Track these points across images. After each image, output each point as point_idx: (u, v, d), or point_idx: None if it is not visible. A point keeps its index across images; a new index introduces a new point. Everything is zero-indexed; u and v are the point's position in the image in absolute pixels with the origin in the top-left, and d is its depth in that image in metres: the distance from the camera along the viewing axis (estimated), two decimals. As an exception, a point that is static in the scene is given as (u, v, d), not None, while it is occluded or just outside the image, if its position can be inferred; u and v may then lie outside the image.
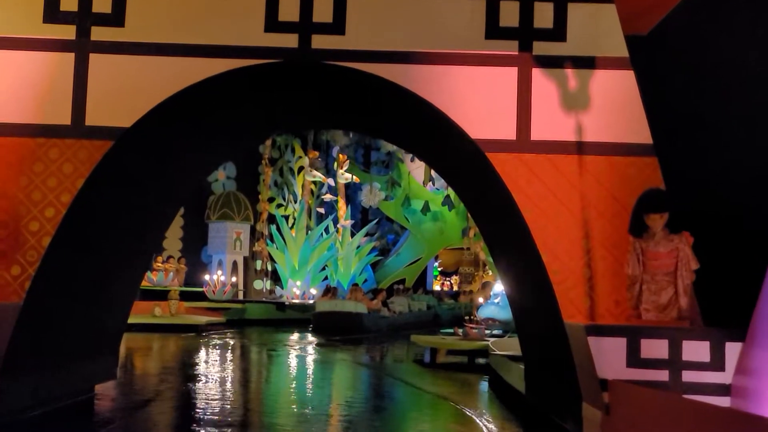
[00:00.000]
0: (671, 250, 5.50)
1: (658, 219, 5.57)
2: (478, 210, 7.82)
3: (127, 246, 7.09)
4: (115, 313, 7.57)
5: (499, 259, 7.96)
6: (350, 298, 20.78)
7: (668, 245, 5.51)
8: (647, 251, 5.56)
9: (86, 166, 5.99)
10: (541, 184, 6.07)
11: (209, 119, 6.87)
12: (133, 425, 6.95)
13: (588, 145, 6.07)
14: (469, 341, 13.20)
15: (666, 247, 5.51)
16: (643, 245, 5.58)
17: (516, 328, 8.32)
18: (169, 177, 7.22)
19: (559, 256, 6.02)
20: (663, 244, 5.52)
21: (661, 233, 5.55)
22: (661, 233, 5.55)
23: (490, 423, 7.47)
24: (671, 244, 5.51)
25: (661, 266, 5.52)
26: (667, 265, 5.51)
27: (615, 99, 6.10)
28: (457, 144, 6.43)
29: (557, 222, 6.04)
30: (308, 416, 7.61)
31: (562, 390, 6.41)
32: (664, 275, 5.52)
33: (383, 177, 29.39)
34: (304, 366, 12.64)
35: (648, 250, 5.56)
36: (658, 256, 5.52)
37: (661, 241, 5.53)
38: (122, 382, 9.29)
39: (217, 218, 24.97)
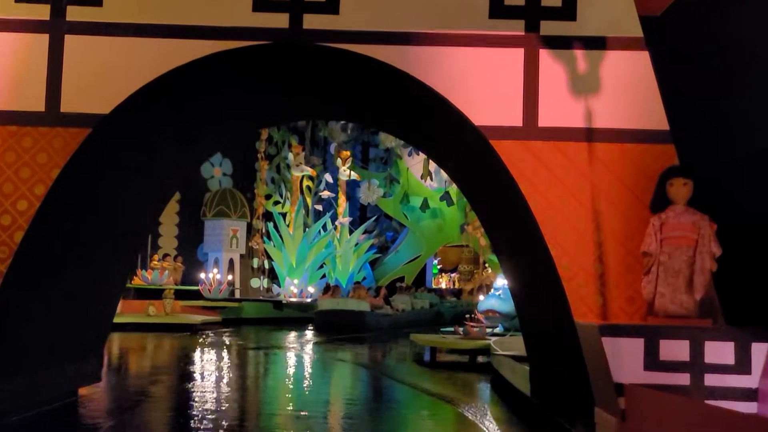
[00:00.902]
0: (693, 224, 5.12)
1: (681, 186, 5.19)
2: (481, 202, 7.41)
3: (108, 242, 6.67)
4: (99, 313, 7.17)
5: (503, 253, 7.56)
6: (353, 296, 20.66)
7: (690, 218, 5.14)
8: (667, 224, 5.17)
9: (62, 155, 5.58)
10: (549, 174, 5.67)
11: (194, 106, 6.44)
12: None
13: (599, 132, 5.67)
14: (470, 340, 12.90)
15: (688, 220, 5.13)
16: (663, 218, 5.20)
17: (521, 327, 7.93)
18: (153, 168, 6.79)
19: (568, 251, 5.62)
20: (685, 216, 5.15)
21: (684, 207, 5.19)
22: (683, 206, 5.19)
23: (493, 425, 7.11)
24: (693, 218, 5.14)
25: (681, 241, 5.13)
26: (687, 240, 5.12)
27: (628, 82, 5.70)
28: (459, 132, 6.03)
29: (566, 213, 5.64)
30: (301, 421, 7.22)
31: (572, 393, 6.03)
32: (683, 253, 5.13)
33: (382, 174, 29.12)
34: (300, 367, 12.27)
35: (668, 222, 5.17)
36: (679, 226, 5.13)
37: (684, 213, 5.17)
38: (108, 384, 8.93)
39: (213, 215, 24.68)
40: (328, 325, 18.88)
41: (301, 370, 11.85)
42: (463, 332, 13.24)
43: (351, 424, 7.14)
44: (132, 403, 7.92)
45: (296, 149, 27.21)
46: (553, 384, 6.72)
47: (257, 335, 17.76)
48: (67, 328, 6.71)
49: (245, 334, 17.67)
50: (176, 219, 25.41)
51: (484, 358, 12.54)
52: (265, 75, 6.36)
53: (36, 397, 6.44)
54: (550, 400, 6.89)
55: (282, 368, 12.23)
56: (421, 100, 6.04)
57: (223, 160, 26.56)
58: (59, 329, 6.57)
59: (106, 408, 7.60)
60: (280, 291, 25.46)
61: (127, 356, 13.15)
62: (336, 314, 19.15)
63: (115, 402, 8.00)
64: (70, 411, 7.01)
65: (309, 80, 6.56)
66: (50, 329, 6.39)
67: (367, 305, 19.89)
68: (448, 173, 8.10)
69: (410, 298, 23.59)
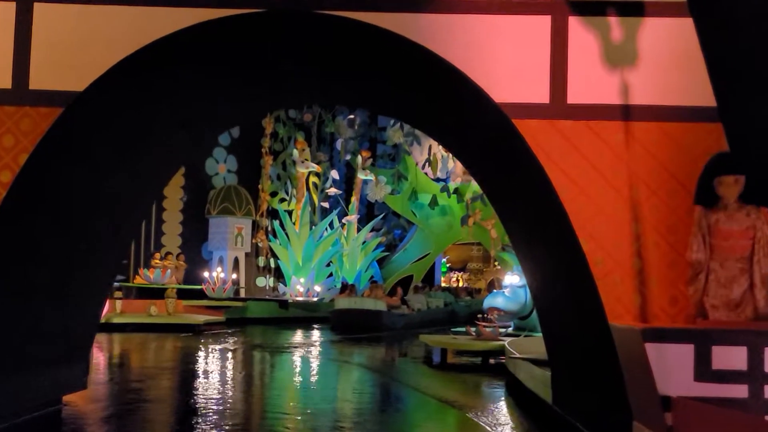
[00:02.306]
0: (747, 228, 4.43)
1: (732, 184, 4.51)
2: (500, 190, 6.72)
3: (88, 239, 6.02)
4: (82, 316, 6.55)
5: (523, 248, 6.89)
6: (369, 296, 20.31)
7: (744, 221, 4.44)
8: (716, 229, 4.49)
9: (30, 138, 4.97)
10: (580, 157, 5.03)
11: (181, 84, 5.79)
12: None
13: (637, 110, 5.03)
14: (482, 341, 12.35)
15: (741, 224, 4.44)
16: (711, 220, 4.52)
17: (542, 328, 7.27)
18: (137, 156, 6.13)
19: (602, 244, 4.98)
20: (737, 219, 4.45)
21: (735, 205, 4.49)
22: (734, 205, 4.49)
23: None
24: (747, 220, 4.44)
25: (733, 249, 4.46)
26: (741, 248, 4.44)
27: (669, 53, 5.07)
28: (477, 110, 5.39)
29: (600, 202, 5.00)
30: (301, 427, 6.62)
31: (604, 405, 5.39)
32: (736, 261, 4.47)
33: (389, 170, 28.45)
34: (305, 369, 11.63)
35: (717, 228, 4.48)
36: (731, 234, 4.45)
37: (735, 215, 4.47)
38: (96, 390, 8.33)
39: (218, 213, 24.16)
40: (344, 325, 18.71)
41: (306, 373, 11.24)
42: (476, 333, 12.73)
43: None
44: (120, 411, 7.31)
45: (301, 145, 26.64)
46: (579, 392, 6.08)
47: (262, 336, 17.20)
48: (47, 332, 6.11)
49: (250, 335, 17.10)
50: (180, 217, 24.87)
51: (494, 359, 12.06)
52: (260, 48, 5.71)
53: (14, 406, 5.86)
54: (576, 410, 6.25)
55: (287, 371, 11.62)
56: (434, 75, 5.40)
57: (228, 157, 26.06)
58: (38, 333, 5.96)
59: (91, 417, 6.99)
60: (286, 290, 24.91)
61: (122, 359, 12.55)
62: (352, 313, 18.98)
63: (102, 410, 7.38)
64: (53, 420, 6.44)
65: (307, 55, 5.90)
66: (27, 333, 5.78)
67: (383, 305, 19.65)
68: (462, 160, 7.38)
69: (425, 298, 23.26)
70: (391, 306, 20.10)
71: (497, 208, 7.14)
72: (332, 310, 20.01)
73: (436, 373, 11.61)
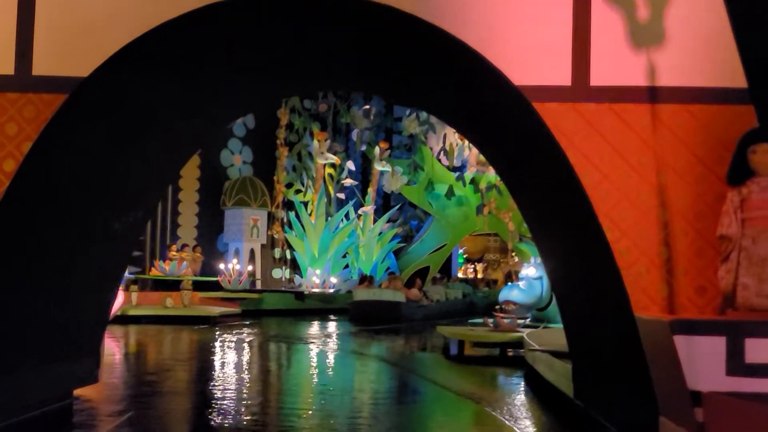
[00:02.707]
0: None
1: (766, 151, 4.29)
2: (519, 178, 6.50)
3: (95, 230, 5.86)
4: (90, 308, 6.41)
5: (543, 237, 6.68)
6: (388, 287, 20.26)
7: None
8: (749, 201, 4.27)
9: (34, 126, 4.81)
10: (604, 142, 4.81)
11: (190, 70, 5.60)
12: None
13: (664, 91, 4.79)
14: (500, 333, 12.15)
15: None
16: (743, 194, 4.30)
17: (563, 320, 7.06)
18: (143, 143, 5.93)
19: (627, 233, 4.76)
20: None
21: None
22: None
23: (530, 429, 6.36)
24: None
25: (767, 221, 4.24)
26: None
27: (697, 32, 4.82)
28: (494, 94, 5.18)
29: (625, 189, 4.78)
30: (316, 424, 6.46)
31: (628, 399, 5.19)
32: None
33: (405, 161, 28.21)
34: (321, 362, 11.48)
35: (751, 199, 4.27)
36: (765, 204, 4.23)
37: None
38: (110, 383, 8.24)
39: (233, 204, 24.03)
40: (363, 316, 18.61)
41: (322, 365, 11.10)
42: (493, 324, 12.53)
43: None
44: (133, 404, 7.17)
45: (321, 136, 26.42)
46: (602, 386, 5.88)
47: (278, 327, 17.07)
48: (54, 325, 5.98)
49: (266, 326, 17.00)
50: (196, 209, 24.83)
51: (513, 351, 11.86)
52: (271, 31, 5.49)
53: (22, 401, 5.74)
54: (599, 405, 6.05)
55: (304, 363, 11.49)
56: (450, 57, 5.18)
57: (243, 148, 25.97)
58: (45, 327, 5.84)
59: (103, 411, 6.87)
60: (302, 281, 24.79)
61: (137, 351, 12.47)
62: (372, 305, 18.97)
63: (114, 404, 7.26)
64: (62, 416, 6.32)
65: (318, 38, 5.69)
66: (31, 327, 5.65)
67: (402, 296, 19.61)
68: (478, 147, 7.15)
69: (444, 289, 23.21)
70: (410, 297, 20.03)
71: (516, 197, 6.93)
72: (351, 302, 19.98)
73: (453, 365, 11.42)
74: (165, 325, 16.17)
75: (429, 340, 15.00)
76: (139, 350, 12.67)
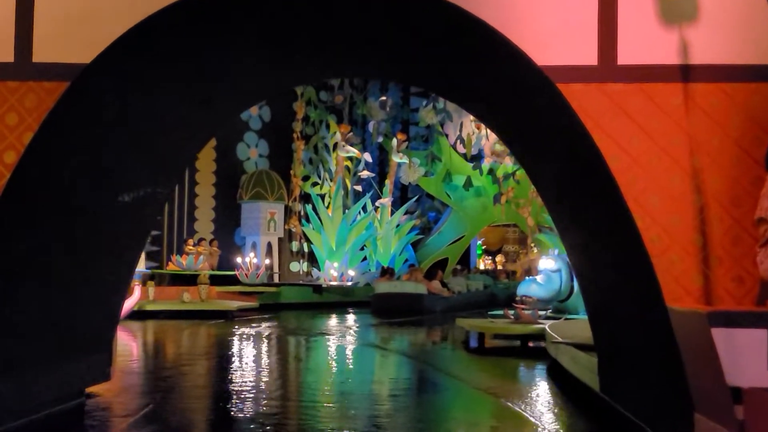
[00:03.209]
0: None
1: None
2: (541, 164, 6.22)
3: (101, 224, 5.65)
4: (100, 304, 6.23)
5: (567, 227, 6.41)
6: (409, 279, 20.27)
7: None
8: None
9: (35, 115, 4.60)
10: (633, 124, 4.54)
11: (199, 55, 5.37)
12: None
13: (697, 70, 4.51)
14: (521, 325, 11.92)
15: None
16: None
17: (587, 311, 6.81)
18: (153, 134, 5.73)
19: (658, 219, 4.50)
20: None
21: None
22: None
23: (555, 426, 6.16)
24: None
25: None
26: None
27: (733, 6, 4.53)
28: (516, 76, 4.92)
29: (656, 173, 4.51)
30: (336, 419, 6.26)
31: (660, 395, 4.94)
32: None
33: (423, 152, 27.95)
34: (340, 356, 11.28)
35: None
36: None
37: None
38: (126, 380, 8.10)
39: (250, 198, 23.94)
40: (385, 309, 18.62)
41: (341, 359, 10.90)
42: (514, 316, 12.30)
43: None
44: (149, 401, 6.99)
45: (344, 129, 26.31)
46: (631, 380, 5.63)
47: (296, 321, 16.92)
48: (63, 322, 5.81)
49: (284, 320, 16.85)
50: (212, 202, 24.73)
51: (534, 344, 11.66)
52: (282, 15, 5.24)
53: (28, 402, 5.58)
54: (627, 399, 5.81)
55: (322, 358, 11.30)
56: (467, 37, 4.93)
57: (260, 141, 25.87)
58: (52, 323, 5.66)
59: (117, 409, 6.70)
60: (319, 275, 24.67)
61: (154, 346, 12.35)
62: (393, 297, 19.07)
63: (129, 401, 7.09)
64: (72, 415, 6.16)
65: (332, 22, 5.44)
66: (37, 325, 5.47)
67: (424, 288, 19.60)
68: (497, 132, 6.88)
69: (465, 280, 23.16)
70: (432, 289, 20.01)
71: (537, 184, 6.66)
72: (372, 295, 20.01)
73: (473, 358, 11.21)
74: (182, 319, 16.05)
75: (450, 332, 14.77)
76: (157, 345, 12.56)
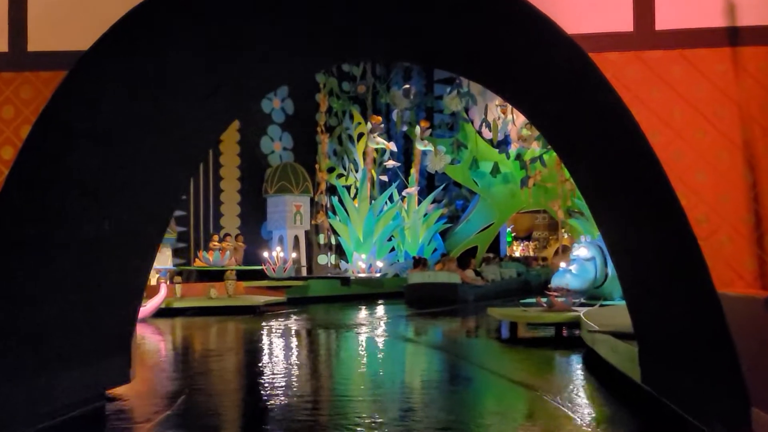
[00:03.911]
0: None
1: None
2: (574, 143, 5.83)
3: (109, 222, 5.35)
4: (115, 305, 5.98)
5: (603, 209, 6.02)
6: (442, 269, 20.20)
7: None
8: None
9: (32, 107, 4.33)
10: (674, 94, 4.16)
11: (208, 39, 5.06)
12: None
13: (744, 32, 4.12)
14: (554, 313, 11.54)
15: None
16: None
17: (626, 298, 6.43)
18: (159, 124, 5.41)
19: (705, 198, 4.12)
20: None
21: None
22: None
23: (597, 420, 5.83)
24: None
25: None
26: None
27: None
28: (545, 46, 4.56)
29: (701, 147, 4.14)
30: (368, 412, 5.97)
31: (711, 387, 4.57)
32: None
33: (448, 140, 27.52)
34: (371, 350, 10.95)
35: None
36: None
37: None
38: (151, 381, 7.91)
39: (275, 192, 23.69)
40: (419, 299, 18.60)
41: (373, 353, 10.56)
42: (547, 304, 11.94)
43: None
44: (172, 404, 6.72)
45: (375, 120, 26.02)
46: (677, 371, 5.26)
47: (325, 314, 16.69)
48: (77, 323, 5.57)
49: (312, 314, 16.61)
50: (238, 197, 24.53)
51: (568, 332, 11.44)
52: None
53: (44, 407, 5.36)
54: (673, 391, 5.44)
55: (352, 352, 11.00)
56: (490, 7, 4.58)
57: (283, 134, 25.62)
58: (61, 328, 5.41)
59: (138, 412, 6.45)
60: (347, 267, 24.40)
61: (180, 344, 12.14)
62: (427, 287, 19.10)
63: (152, 404, 6.83)
64: (90, 420, 5.94)
65: None
66: (49, 328, 5.23)
67: (458, 277, 19.57)
68: (525, 111, 6.48)
69: (498, 268, 23.03)
70: (465, 279, 19.94)
71: (570, 165, 6.28)
72: (405, 285, 20.02)
73: (505, 349, 10.86)
74: (209, 316, 15.88)
75: (483, 322, 14.39)
76: (183, 343, 12.35)
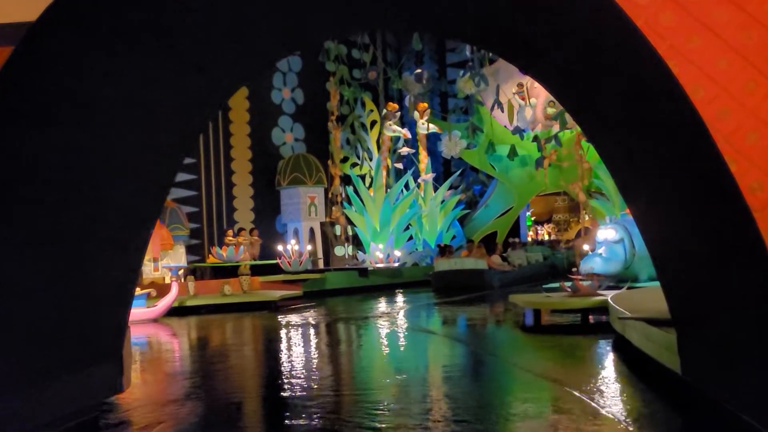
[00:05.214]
0: None
1: None
2: (599, 109, 5.19)
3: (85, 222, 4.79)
4: (102, 310, 5.46)
5: (634, 181, 5.38)
6: (468, 255, 20.26)
7: None
8: None
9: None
10: (719, 41, 3.56)
11: (179, 11, 4.48)
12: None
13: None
14: (579, 298, 10.99)
15: None
16: None
17: (661, 279, 5.80)
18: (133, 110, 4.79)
19: (758, 162, 3.52)
20: None
21: None
22: None
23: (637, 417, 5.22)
24: None
25: None
26: None
27: None
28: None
29: (752, 104, 3.53)
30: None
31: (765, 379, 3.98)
32: None
33: (463, 124, 26.91)
34: (392, 343, 10.42)
35: None
36: None
37: None
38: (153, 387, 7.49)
39: (288, 183, 23.24)
40: (446, 286, 18.74)
41: (394, 347, 10.05)
42: (571, 288, 11.38)
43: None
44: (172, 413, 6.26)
45: (392, 107, 25.57)
46: (723, 361, 4.67)
47: (343, 306, 16.19)
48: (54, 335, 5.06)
49: (330, 307, 16.14)
50: (250, 191, 24.10)
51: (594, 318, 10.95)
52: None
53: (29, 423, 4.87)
54: (718, 384, 4.86)
55: (372, 345, 10.50)
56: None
57: (294, 125, 25.15)
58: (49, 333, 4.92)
59: (135, 423, 5.97)
60: (365, 257, 23.90)
61: (189, 345, 11.65)
62: (454, 274, 19.22)
63: (151, 413, 6.32)
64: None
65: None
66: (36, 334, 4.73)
67: (484, 263, 19.61)
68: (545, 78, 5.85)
69: (525, 253, 23.08)
70: (492, 264, 19.92)
71: (594, 135, 5.66)
72: (432, 273, 20.12)
73: (528, 338, 10.30)
74: (224, 313, 15.47)
75: (510, 309, 13.80)
76: (192, 344, 11.86)
